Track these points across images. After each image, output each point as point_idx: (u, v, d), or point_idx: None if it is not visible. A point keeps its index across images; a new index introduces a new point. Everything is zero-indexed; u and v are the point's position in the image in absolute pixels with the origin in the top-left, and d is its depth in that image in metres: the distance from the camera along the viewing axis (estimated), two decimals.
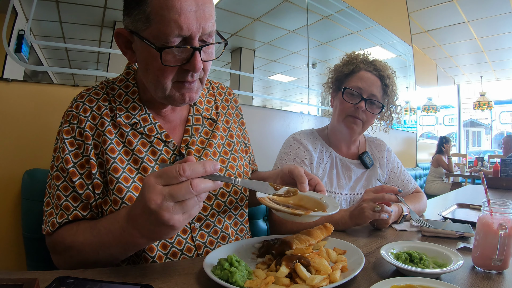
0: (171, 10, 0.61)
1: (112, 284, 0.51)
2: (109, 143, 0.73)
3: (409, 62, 4.13)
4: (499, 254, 0.64)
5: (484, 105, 7.08)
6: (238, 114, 1.00)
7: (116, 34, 0.71)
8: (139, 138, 0.77)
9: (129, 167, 0.74)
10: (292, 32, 2.49)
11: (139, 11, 0.64)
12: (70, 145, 0.73)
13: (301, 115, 2.49)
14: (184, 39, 0.65)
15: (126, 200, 0.71)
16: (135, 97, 0.79)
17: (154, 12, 0.62)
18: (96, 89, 0.79)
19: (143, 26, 0.65)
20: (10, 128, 1.15)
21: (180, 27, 0.62)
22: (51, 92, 1.26)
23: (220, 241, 0.82)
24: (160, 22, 0.62)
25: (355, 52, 1.28)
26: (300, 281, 0.55)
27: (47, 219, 0.72)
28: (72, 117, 0.74)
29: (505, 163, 2.77)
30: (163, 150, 0.78)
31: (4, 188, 1.12)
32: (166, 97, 0.72)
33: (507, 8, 4.28)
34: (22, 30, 1.21)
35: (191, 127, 0.84)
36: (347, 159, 1.29)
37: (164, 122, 0.82)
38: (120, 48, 0.73)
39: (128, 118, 0.76)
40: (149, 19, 0.63)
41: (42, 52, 1.31)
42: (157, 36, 0.64)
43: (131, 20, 0.67)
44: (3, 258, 1.12)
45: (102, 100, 0.77)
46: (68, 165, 0.72)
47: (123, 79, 0.82)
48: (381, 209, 0.91)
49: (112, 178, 0.71)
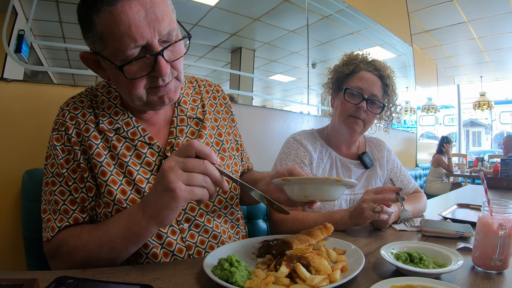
0: (120, 25, 0.60)
1: (112, 284, 0.51)
2: (95, 148, 0.74)
3: (409, 62, 4.13)
4: (499, 254, 0.64)
5: (484, 105, 7.08)
6: (227, 111, 0.98)
7: (82, 58, 0.71)
8: (123, 142, 0.77)
9: (116, 171, 0.75)
10: (292, 32, 2.49)
11: (92, 34, 0.64)
12: (61, 151, 0.75)
13: (301, 115, 2.49)
14: (143, 48, 0.63)
15: (117, 201, 0.72)
16: (117, 102, 0.79)
17: (105, 31, 0.61)
18: (81, 97, 0.80)
19: (100, 47, 0.64)
20: (10, 128, 1.15)
21: (134, 38, 0.61)
22: (51, 92, 1.26)
23: (211, 240, 0.82)
24: (114, 40, 0.61)
25: (354, 52, 1.28)
26: (300, 281, 0.55)
27: (46, 226, 0.72)
28: (60, 124, 0.76)
29: (505, 163, 2.77)
30: (147, 153, 0.78)
31: (4, 188, 1.12)
32: (146, 104, 0.72)
33: (507, 8, 4.28)
34: (22, 30, 1.21)
35: (176, 129, 0.83)
36: (347, 159, 1.29)
37: (148, 125, 0.82)
38: (91, 69, 0.73)
39: (111, 123, 0.77)
40: (103, 39, 0.63)
41: (42, 52, 1.31)
42: (115, 54, 0.63)
43: (89, 42, 0.67)
44: (3, 258, 1.12)
45: (86, 107, 0.78)
46: (63, 170, 0.74)
47: (105, 84, 0.83)
48: (381, 209, 0.91)
49: (101, 182, 0.73)
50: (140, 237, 0.63)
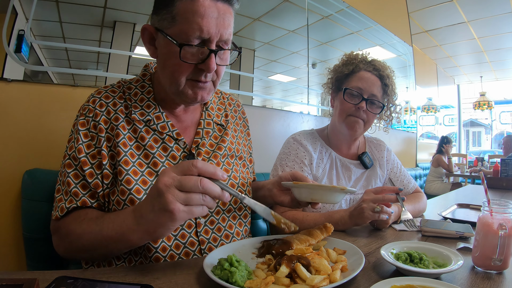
0: (195, 14, 0.68)
1: (112, 284, 0.51)
2: (121, 137, 0.77)
3: (409, 62, 4.13)
4: (499, 254, 0.64)
5: (484, 105, 7.08)
6: (245, 125, 1.06)
7: (142, 29, 0.77)
8: (151, 134, 0.81)
9: (139, 161, 0.77)
10: (292, 32, 2.49)
11: (166, 11, 0.71)
12: (84, 136, 0.77)
13: (301, 115, 2.49)
14: (203, 41, 0.71)
15: (134, 192, 0.74)
16: (150, 97, 0.84)
17: (180, 13, 0.69)
18: (113, 87, 0.84)
19: (168, 24, 0.71)
20: (10, 128, 1.15)
21: (201, 29, 0.69)
22: (51, 92, 1.26)
23: (223, 239, 0.84)
24: (184, 23, 0.69)
25: (353, 52, 1.28)
26: (300, 281, 0.55)
27: (57, 205, 0.75)
28: (88, 110, 0.79)
29: (505, 163, 2.77)
30: (174, 147, 0.82)
31: (4, 188, 1.12)
32: (179, 93, 0.77)
33: (507, 8, 4.28)
34: (22, 30, 1.21)
35: (202, 130, 0.89)
36: (347, 159, 1.29)
37: (177, 121, 0.86)
38: (144, 43, 0.79)
39: (142, 115, 0.81)
40: (174, 19, 0.70)
41: (42, 52, 1.31)
42: (179, 35, 0.70)
43: (158, 19, 0.73)
44: (3, 258, 1.12)
45: (118, 97, 0.82)
46: (80, 154, 0.76)
47: (140, 79, 0.87)
48: (381, 210, 0.91)
49: (122, 170, 0.75)
50: (133, 245, 0.66)
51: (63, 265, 1.01)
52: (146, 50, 0.80)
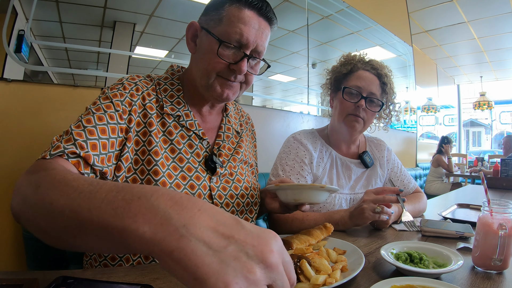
0: (240, 20, 0.77)
1: (112, 284, 0.51)
2: (154, 127, 0.78)
3: (409, 62, 4.13)
4: (499, 254, 0.64)
5: (484, 105, 7.08)
6: (253, 137, 1.12)
7: (189, 25, 0.84)
8: (179, 130, 0.82)
9: (166, 155, 0.78)
10: (292, 32, 2.49)
11: (215, 13, 0.79)
12: (116, 105, 0.72)
13: (301, 115, 2.49)
14: (240, 46, 0.78)
15: (160, 183, 0.73)
16: (180, 94, 0.86)
17: (226, 17, 0.77)
18: (145, 79, 0.84)
19: (214, 24, 0.79)
20: (10, 128, 1.15)
21: (242, 34, 0.76)
22: (51, 92, 1.26)
23: None
24: (228, 25, 0.77)
25: (351, 53, 1.29)
26: (303, 279, 0.55)
27: (51, 145, 0.62)
28: (123, 87, 0.77)
29: (505, 163, 2.77)
30: (198, 146, 0.84)
31: (4, 188, 1.12)
32: (208, 87, 0.80)
33: (507, 8, 4.28)
34: (22, 30, 1.21)
35: (223, 133, 0.92)
36: (347, 158, 1.29)
37: (202, 121, 0.89)
38: (187, 37, 0.85)
39: (173, 110, 0.83)
40: (221, 21, 0.78)
41: (42, 52, 1.31)
42: (222, 34, 0.77)
43: (205, 19, 0.81)
44: (3, 258, 1.12)
45: (151, 89, 0.83)
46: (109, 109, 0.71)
47: (168, 77, 0.89)
48: (381, 210, 0.91)
49: (151, 160, 0.74)
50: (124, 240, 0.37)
51: (63, 265, 1.01)
52: (186, 44, 0.85)
